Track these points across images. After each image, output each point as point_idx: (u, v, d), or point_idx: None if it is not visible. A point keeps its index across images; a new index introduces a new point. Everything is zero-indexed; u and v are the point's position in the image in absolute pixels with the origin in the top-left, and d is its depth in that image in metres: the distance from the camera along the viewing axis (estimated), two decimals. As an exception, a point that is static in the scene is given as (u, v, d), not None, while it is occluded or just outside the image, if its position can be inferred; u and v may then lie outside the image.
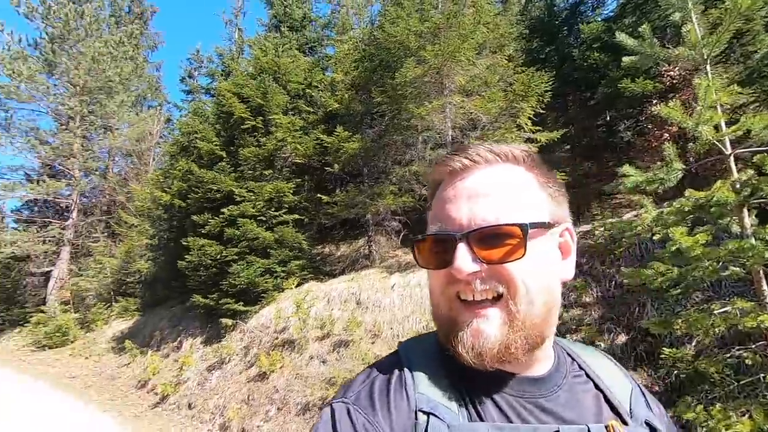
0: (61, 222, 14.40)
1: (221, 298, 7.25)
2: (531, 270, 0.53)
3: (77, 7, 14.38)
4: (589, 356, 0.66)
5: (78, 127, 14.15)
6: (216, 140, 8.85)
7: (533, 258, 0.53)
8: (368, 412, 0.53)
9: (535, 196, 0.57)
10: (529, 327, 0.53)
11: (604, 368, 0.64)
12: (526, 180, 0.57)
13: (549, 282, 0.56)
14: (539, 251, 0.54)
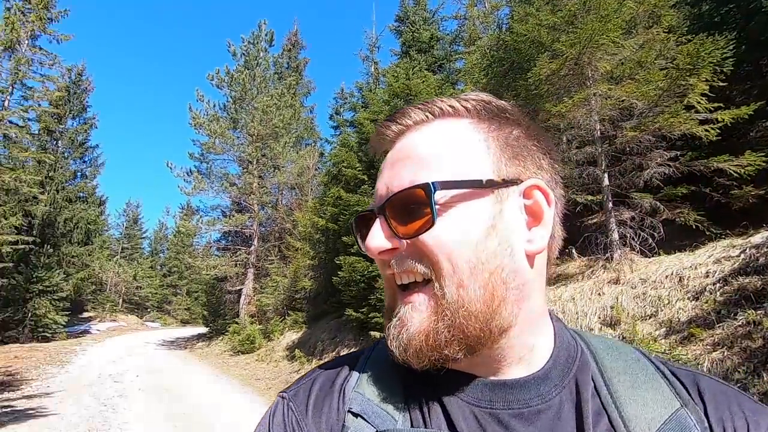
0: (247, 248, 17.42)
1: (370, 312, 7.71)
2: (456, 242, 0.42)
3: (250, 72, 17.59)
4: (620, 361, 0.47)
5: (255, 168, 17.09)
6: (359, 166, 9.63)
7: (462, 228, 0.42)
8: (301, 410, 0.47)
9: (470, 151, 0.44)
10: (462, 315, 0.41)
11: (633, 379, 0.45)
12: (461, 133, 0.45)
13: (490, 257, 0.42)
14: (474, 218, 0.43)
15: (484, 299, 0.42)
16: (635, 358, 0.48)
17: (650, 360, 0.48)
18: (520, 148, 0.46)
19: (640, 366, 0.47)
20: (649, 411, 0.42)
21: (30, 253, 17.28)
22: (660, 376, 0.46)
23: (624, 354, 0.48)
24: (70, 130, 22.39)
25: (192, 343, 17.72)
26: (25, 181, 15.79)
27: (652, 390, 0.44)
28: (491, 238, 0.43)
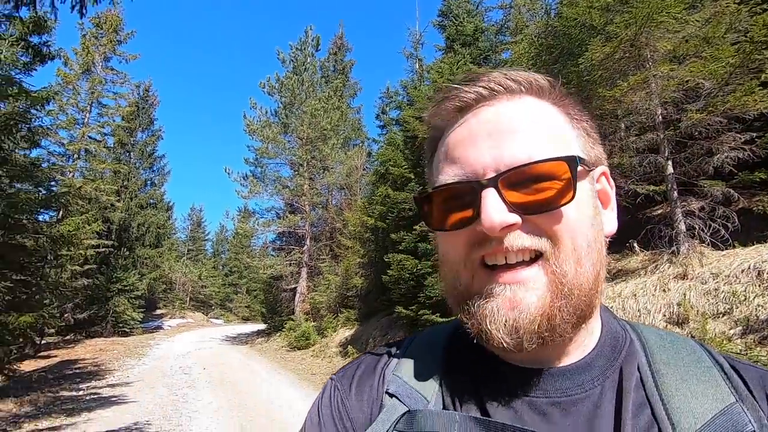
0: (300, 248, 18.04)
1: (419, 309, 7.71)
2: (578, 220, 0.42)
3: (298, 78, 18.17)
4: (672, 351, 0.44)
5: (306, 171, 17.64)
6: (405, 164, 9.66)
7: (582, 205, 0.43)
8: (345, 390, 0.51)
9: (569, 133, 0.45)
10: (579, 294, 0.41)
11: (684, 371, 0.42)
12: (556, 114, 0.45)
13: (597, 236, 0.43)
14: (587, 197, 0.44)
15: (593, 278, 0.42)
16: (691, 350, 0.45)
17: (709, 353, 0.45)
18: (593, 134, 0.48)
19: (695, 358, 0.44)
20: (698, 404, 0.40)
21: (109, 256, 19.02)
22: (717, 369, 0.43)
23: (679, 345, 0.46)
24: (140, 142, 24.33)
25: (252, 338, 18.65)
26: (104, 191, 17.36)
27: (705, 383, 0.41)
28: (597, 218, 0.44)
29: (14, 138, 9.32)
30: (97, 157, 18.46)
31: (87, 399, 7.68)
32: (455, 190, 0.43)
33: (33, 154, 11.37)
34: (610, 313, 0.50)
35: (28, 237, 9.47)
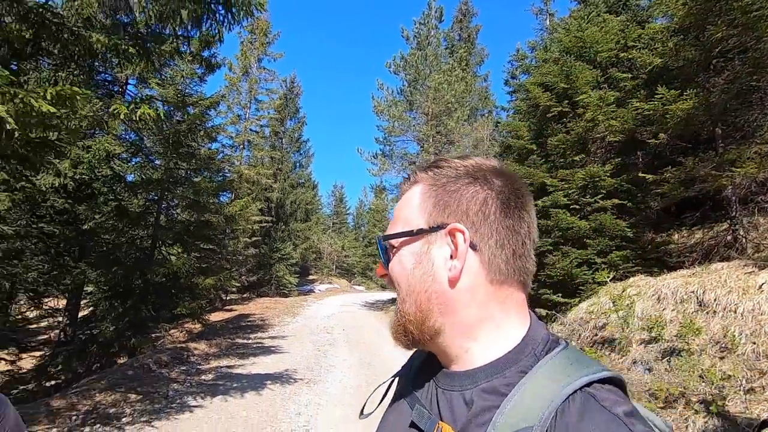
0: (427, 222, 18.57)
1: (540, 288, 7.42)
2: (398, 275, 0.60)
3: (422, 53, 18.23)
4: (540, 379, 0.51)
5: (431, 146, 17.87)
6: (527, 135, 9.12)
7: (402, 264, 0.60)
8: (406, 366, 0.74)
9: (412, 209, 0.61)
10: (406, 320, 0.59)
11: (527, 406, 0.50)
12: (413, 195, 0.62)
13: (417, 282, 0.58)
14: (408, 256, 0.60)
15: (416, 310, 0.58)
16: (556, 373, 0.51)
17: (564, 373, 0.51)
18: (448, 200, 0.58)
19: (552, 377, 0.51)
20: (523, 407, 0.49)
21: (270, 230, 22.51)
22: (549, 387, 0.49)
23: (562, 367, 0.52)
24: (289, 129, 27.68)
25: (387, 305, 20.17)
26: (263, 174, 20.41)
27: (543, 396, 0.49)
28: (417, 269, 0.58)
29: (196, 137, 11.67)
30: (257, 147, 21.74)
31: (254, 346, 9.55)
32: None
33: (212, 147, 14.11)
34: (533, 346, 0.55)
35: (211, 215, 11.95)
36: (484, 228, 0.56)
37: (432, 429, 0.55)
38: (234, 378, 6.94)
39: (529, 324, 0.58)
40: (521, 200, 0.59)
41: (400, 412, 0.63)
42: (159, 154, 10.87)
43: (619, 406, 0.47)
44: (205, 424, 4.91)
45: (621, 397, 0.49)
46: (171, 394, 5.92)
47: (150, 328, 8.98)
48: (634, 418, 0.47)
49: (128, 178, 10.90)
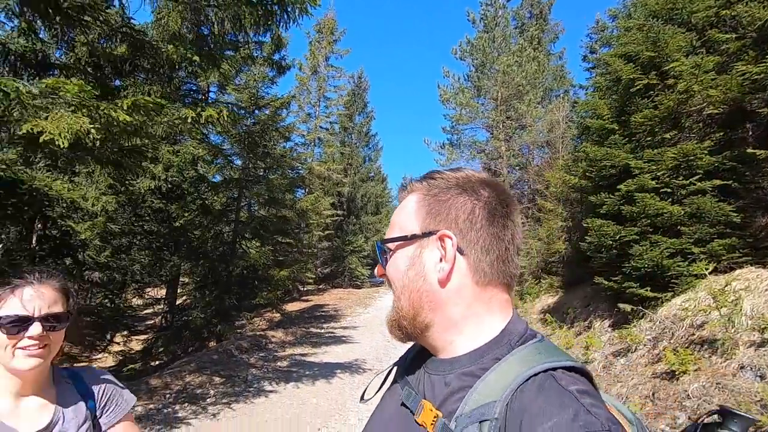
0: (499, 212, 17.87)
1: (624, 281, 6.74)
2: (394, 275, 0.67)
3: (489, 35, 17.44)
4: (508, 367, 0.57)
5: (501, 132, 17.10)
6: (606, 113, 8.29)
7: (397, 266, 0.66)
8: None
9: (407, 216, 0.67)
10: (400, 315, 0.66)
11: (494, 384, 0.56)
12: (409, 203, 0.68)
13: (410, 282, 0.64)
14: (402, 258, 0.66)
15: (408, 306, 0.65)
16: (524, 362, 0.56)
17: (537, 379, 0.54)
18: (439, 209, 0.65)
19: (516, 368, 0.56)
20: (488, 390, 0.56)
21: (342, 223, 23.19)
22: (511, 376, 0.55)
23: (530, 356, 0.58)
24: (358, 124, 28.18)
25: (459, 298, 19.86)
26: (334, 170, 21.05)
27: (504, 379, 0.55)
28: (410, 270, 0.65)
29: (270, 137, 12.32)
30: (327, 143, 22.45)
31: (326, 336, 9.92)
32: None
33: (286, 146, 14.83)
34: (509, 338, 0.62)
35: (287, 210, 12.59)
36: (471, 234, 0.62)
37: (416, 406, 0.63)
38: (306, 366, 7.25)
39: (509, 319, 0.63)
40: (506, 209, 0.64)
41: (394, 394, 0.72)
42: (237, 155, 11.67)
43: (574, 386, 0.52)
44: (278, 409, 5.18)
45: (581, 382, 0.54)
46: (249, 378, 6.34)
47: (233, 317, 9.72)
48: (589, 397, 0.51)
49: (215, 178, 11.88)
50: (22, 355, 0.96)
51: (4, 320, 0.94)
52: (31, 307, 0.97)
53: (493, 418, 0.51)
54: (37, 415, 1.01)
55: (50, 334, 0.99)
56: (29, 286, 1.00)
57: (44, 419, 1.01)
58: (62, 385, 1.09)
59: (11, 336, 0.95)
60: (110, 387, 1.15)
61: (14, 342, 0.95)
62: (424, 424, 0.59)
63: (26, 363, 0.96)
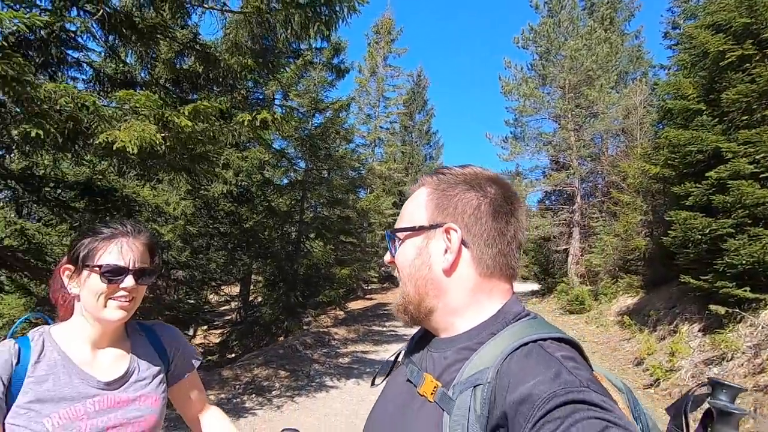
0: (569, 206, 16.78)
1: (717, 280, 5.96)
2: (402, 263, 0.71)
3: (554, 20, 16.45)
4: (500, 341, 0.61)
5: (569, 122, 16.05)
6: (692, 93, 7.40)
7: (404, 253, 0.71)
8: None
9: (416, 208, 0.71)
10: (406, 300, 0.70)
11: (487, 354, 0.60)
12: (418, 196, 0.72)
13: (416, 270, 0.69)
14: (410, 248, 0.70)
15: (414, 293, 0.69)
16: (512, 338, 0.60)
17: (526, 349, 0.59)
18: (447, 203, 0.68)
19: (508, 343, 0.60)
20: (481, 362, 0.60)
21: (404, 222, 23.21)
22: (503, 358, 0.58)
23: (518, 331, 0.62)
24: (418, 123, 28.04)
25: (527, 298, 18.95)
26: (395, 169, 21.16)
27: (494, 353, 0.60)
28: (417, 259, 0.69)
29: (330, 139, 12.65)
30: (388, 143, 22.61)
31: (388, 334, 9.96)
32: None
33: (347, 148, 15.17)
34: (520, 326, 0.64)
35: (349, 210, 12.87)
36: (475, 229, 0.66)
37: (418, 380, 0.67)
38: (367, 363, 7.31)
39: (506, 302, 0.67)
40: (511, 207, 0.68)
41: (400, 373, 0.76)
42: (300, 158, 12.13)
43: (560, 352, 0.56)
44: (338, 404, 5.26)
45: (567, 350, 0.58)
46: (312, 373, 6.53)
47: (299, 313, 10.11)
48: (573, 362, 0.55)
49: (284, 181, 12.47)
50: (113, 306, 0.97)
51: (104, 269, 0.95)
52: (126, 258, 0.98)
53: (486, 383, 0.56)
54: (114, 364, 1.03)
55: (139, 287, 1.01)
56: (125, 237, 1.01)
57: (121, 368, 1.03)
58: (136, 337, 1.11)
59: (109, 285, 0.96)
60: (181, 343, 1.18)
61: (108, 292, 0.96)
62: (425, 394, 0.64)
63: (116, 314, 0.98)
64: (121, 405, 0.99)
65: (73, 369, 0.96)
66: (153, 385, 1.06)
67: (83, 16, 4.23)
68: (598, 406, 0.48)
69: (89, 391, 0.96)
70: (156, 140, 3.07)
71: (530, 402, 0.50)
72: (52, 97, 3.03)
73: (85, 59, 5.82)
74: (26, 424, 0.89)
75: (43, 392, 0.92)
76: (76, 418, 0.92)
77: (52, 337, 0.99)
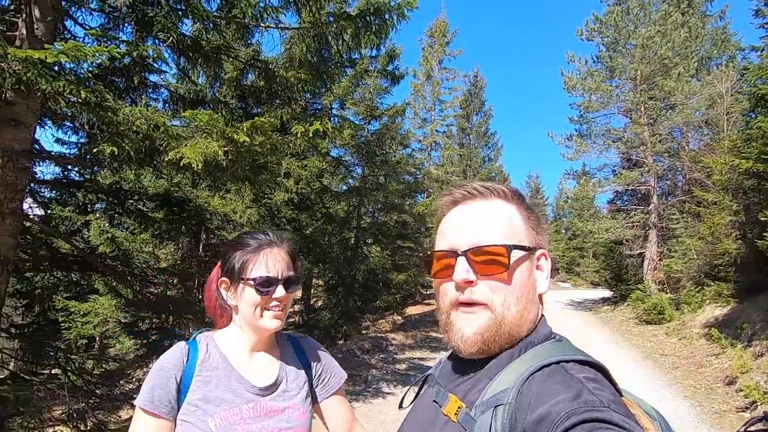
0: (644, 207, 15.48)
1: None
2: (514, 284, 0.66)
3: (621, 7, 15.35)
4: (521, 363, 0.62)
5: (642, 115, 14.84)
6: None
7: (517, 276, 0.66)
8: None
9: (519, 227, 0.69)
10: (505, 328, 0.65)
11: (509, 375, 0.61)
12: (513, 214, 0.70)
13: (525, 293, 0.67)
14: (523, 270, 0.67)
15: (518, 317, 0.66)
16: (535, 360, 0.61)
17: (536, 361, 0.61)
18: (538, 226, 0.71)
19: (529, 365, 0.61)
20: (503, 383, 0.60)
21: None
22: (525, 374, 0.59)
23: (544, 353, 0.63)
24: (475, 124, 27.47)
25: (597, 305, 17.73)
26: (452, 172, 20.88)
27: (517, 375, 0.60)
28: (527, 284, 0.67)
29: (385, 145, 12.77)
30: (444, 147, 22.37)
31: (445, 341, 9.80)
32: (443, 255, 0.70)
33: (404, 153, 15.24)
34: (532, 339, 0.67)
35: (405, 215, 12.89)
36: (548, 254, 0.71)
37: (443, 400, 0.67)
38: (424, 370, 7.21)
39: (538, 323, 0.69)
40: None
41: (426, 395, 0.76)
42: (357, 165, 12.37)
43: (582, 374, 0.56)
44: (395, 412, 5.24)
45: (591, 372, 0.58)
46: (369, 378, 6.58)
47: (357, 318, 10.27)
48: (595, 383, 0.54)
49: (343, 188, 12.80)
50: (268, 316, 1.01)
51: (258, 281, 0.99)
52: (275, 269, 1.01)
53: (507, 403, 0.56)
54: (266, 370, 1.07)
55: (288, 295, 1.03)
56: (270, 248, 1.03)
57: (272, 375, 1.06)
58: (283, 346, 1.14)
59: (263, 296, 1.00)
60: (326, 359, 1.17)
61: (263, 302, 1.00)
62: (449, 414, 0.64)
63: (272, 323, 1.02)
64: (273, 414, 1.02)
65: (233, 373, 1.02)
66: (300, 397, 1.08)
67: (157, 44, 4.65)
68: (617, 425, 0.47)
69: (245, 396, 1.00)
70: (218, 155, 3.28)
71: (548, 421, 0.50)
72: (129, 119, 3.36)
73: (162, 82, 6.39)
74: (194, 421, 0.94)
75: (208, 392, 0.97)
76: (234, 421, 0.96)
77: (215, 342, 1.06)
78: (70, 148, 6.80)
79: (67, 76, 2.82)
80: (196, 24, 4.47)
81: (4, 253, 3.99)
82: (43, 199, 6.64)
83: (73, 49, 2.64)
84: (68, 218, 9.17)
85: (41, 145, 4.84)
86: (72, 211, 9.11)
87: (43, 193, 6.48)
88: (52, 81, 2.70)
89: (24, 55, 2.60)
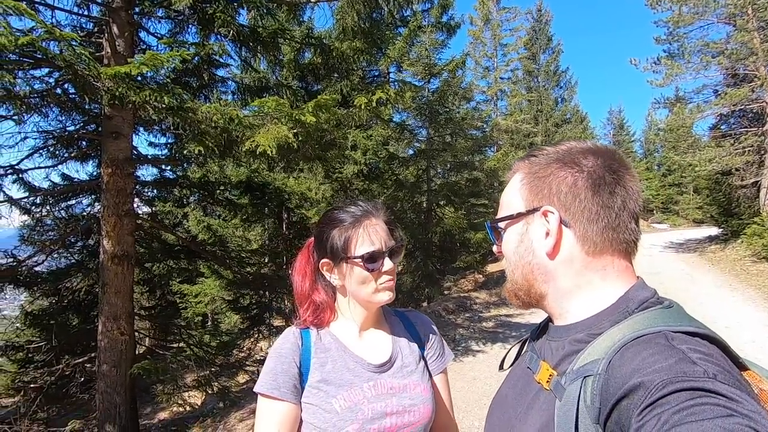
0: (757, 128, 13.38)
1: None
2: (506, 252, 0.71)
3: None
4: (612, 335, 0.57)
5: (750, 20, 12.56)
6: None
7: (508, 243, 0.71)
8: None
9: (511, 197, 0.71)
10: (516, 287, 0.70)
11: (601, 345, 0.57)
12: (513, 183, 0.71)
13: (521, 257, 0.68)
14: (512, 236, 0.70)
15: (522, 280, 0.69)
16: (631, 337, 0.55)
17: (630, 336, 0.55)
18: (541, 185, 0.67)
19: (619, 336, 0.57)
20: (594, 354, 0.58)
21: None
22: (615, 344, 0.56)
23: (638, 324, 0.58)
24: (543, 64, 25.33)
25: (703, 245, 16.01)
26: (522, 120, 19.69)
27: (608, 345, 0.57)
28: (520, 246, 0.69)
29: (447, 102, 12.32)
30: (511, 93, 21.03)
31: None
32: None
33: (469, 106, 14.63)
34: (627, 305, 0.62)
35: (476, 172, 12.53)
36: (574, 207, 0.64)
37: (536, 367, 0.68)
38: (513, 326, 7.17)
39: (631, 287, 0.63)
40: (614, 176, 0.63)
41: (522, 360, 0.78)
42: (421, 127, 12.14)
43: (686, 345, 0.50)
44: (486, 368, 5.31)
45: (702, 345, 0.51)
46: (457, 338, 6.69)
47: (438, 280, 10.37)
48: (701, 354, 0.48)
49: (409, 151, 12.72)
50: (381, 289, 0.97)
51: (365, 257, 0.95)
52: (379, 241, 0.97)
53: (596, 374, 0.54)
54: (379, 346, 1.04)
55: (395, 266, 1.00)
56: (367, 219, 0.98)
57: (386, 351, 1.03)
58: (392, 320, 1.11)
59: (371, 272, 0.96)
60: (436, 336, 1.14)
61: (374, 277, 0.96)
62: (540, 381, 0.65)
63: (384, 296, 0.98)
64: (394, 392, 0.99)
65: (347, 352, 1.00)
66: (418, 372, 1.04)
67: (220, 39, 4.87)
68: (722, 395, 0.43)
69: (363, 374, 0.99)
70: (289, 138, 3.40)
71: (642, 390, 0.47)
72: (207, 116, 3.60)
73: (228, 75, 6.70)
74: (319, 403, 0.94)
75: (327, 373, 0.97)
76: (357, 401, 0.95)
77: None
78: (161, 150, 7.51)
79: (150, 85, 3.07)
80: (251, 12, 4.57)
81: (126, 249, 4.60)
82: (147, 197, 7.49)
83: (151, 58, 2.86)
84: (170, 212, 10.28)
85: (139, 151, 5.40)
86: (172, 205, 10.14)
87: (147, 193, 7.29)
88: (139, 92, 2.96)
89: (113, 72, 2.87)
